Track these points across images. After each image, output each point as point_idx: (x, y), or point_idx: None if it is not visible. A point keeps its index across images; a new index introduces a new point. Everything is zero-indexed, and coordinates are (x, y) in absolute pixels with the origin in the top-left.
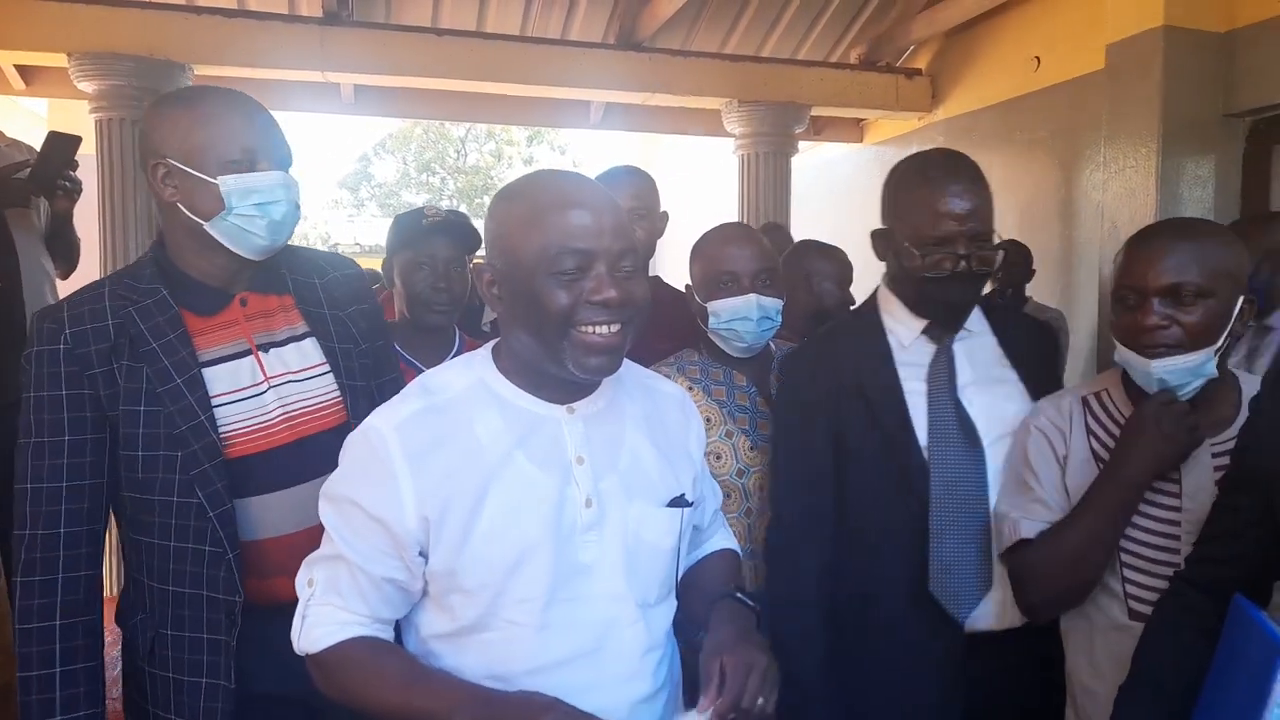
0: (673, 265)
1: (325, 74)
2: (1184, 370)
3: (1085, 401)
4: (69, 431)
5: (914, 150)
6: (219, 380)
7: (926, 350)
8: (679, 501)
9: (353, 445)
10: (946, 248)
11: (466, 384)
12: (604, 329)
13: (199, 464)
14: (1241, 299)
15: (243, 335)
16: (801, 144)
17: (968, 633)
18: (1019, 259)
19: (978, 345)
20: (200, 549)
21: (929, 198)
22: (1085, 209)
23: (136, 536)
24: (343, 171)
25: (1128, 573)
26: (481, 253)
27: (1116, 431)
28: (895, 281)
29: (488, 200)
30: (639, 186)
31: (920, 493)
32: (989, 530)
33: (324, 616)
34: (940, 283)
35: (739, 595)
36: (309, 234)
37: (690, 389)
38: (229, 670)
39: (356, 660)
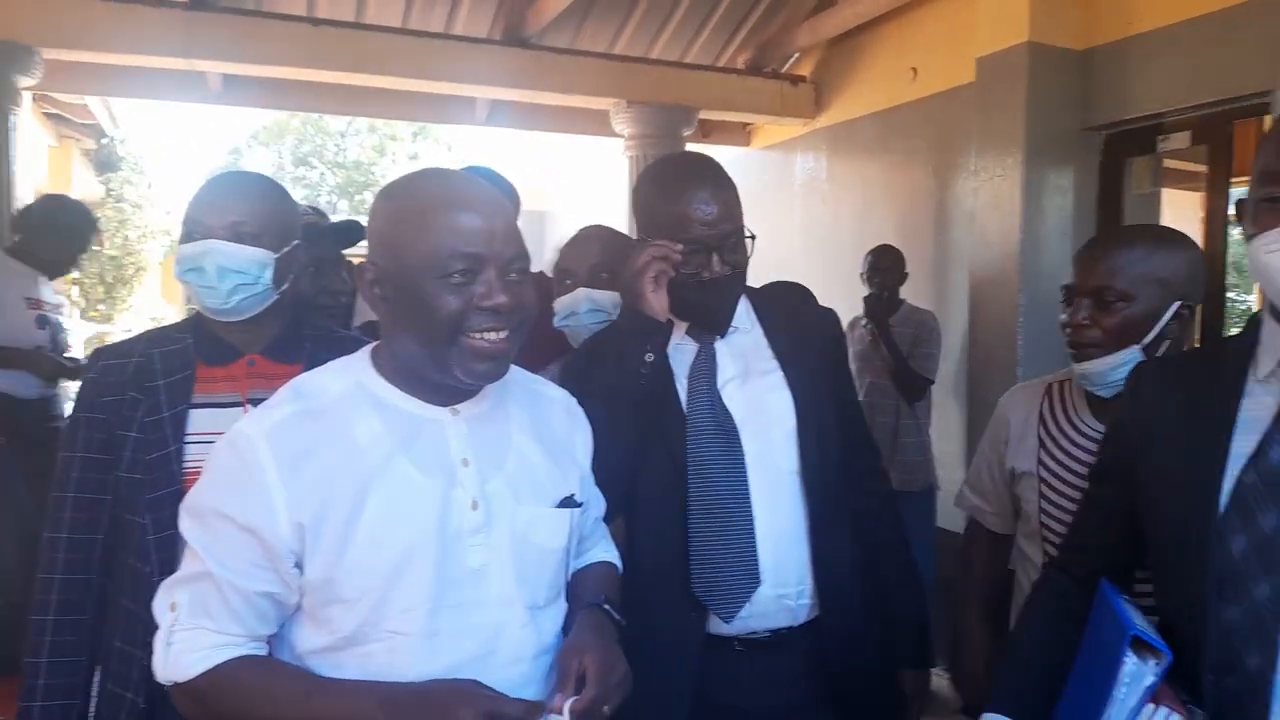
0: None
1: (190, 61)
2: (1105, 371)
3: (1047, 389)
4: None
5: (798, 157)
6: (200, 421)
7: (690, 349)
8: (569, 502)
9: (218, 454)
10: (699, 254)
11: (343, 388)
12: (493, 335)
13: (156, 489)
14: (1178, 304)
15: (239, 390)
16: (689, 146)
17: (744, 638)
18: (893, 263)
19: (745, 342)
20: (138, 567)
21: (676, 205)
22: (958, 216)
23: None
24: (213, 164)
25: (1047, 546)
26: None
27: (1065, 423)
28: None
29: (369, 196)
30: (498, 188)
31: (682, 489)
32: (750, 525)
33: (194, 641)
34: (698, 288)
35: (606, 606)
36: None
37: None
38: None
39: (241, 682)
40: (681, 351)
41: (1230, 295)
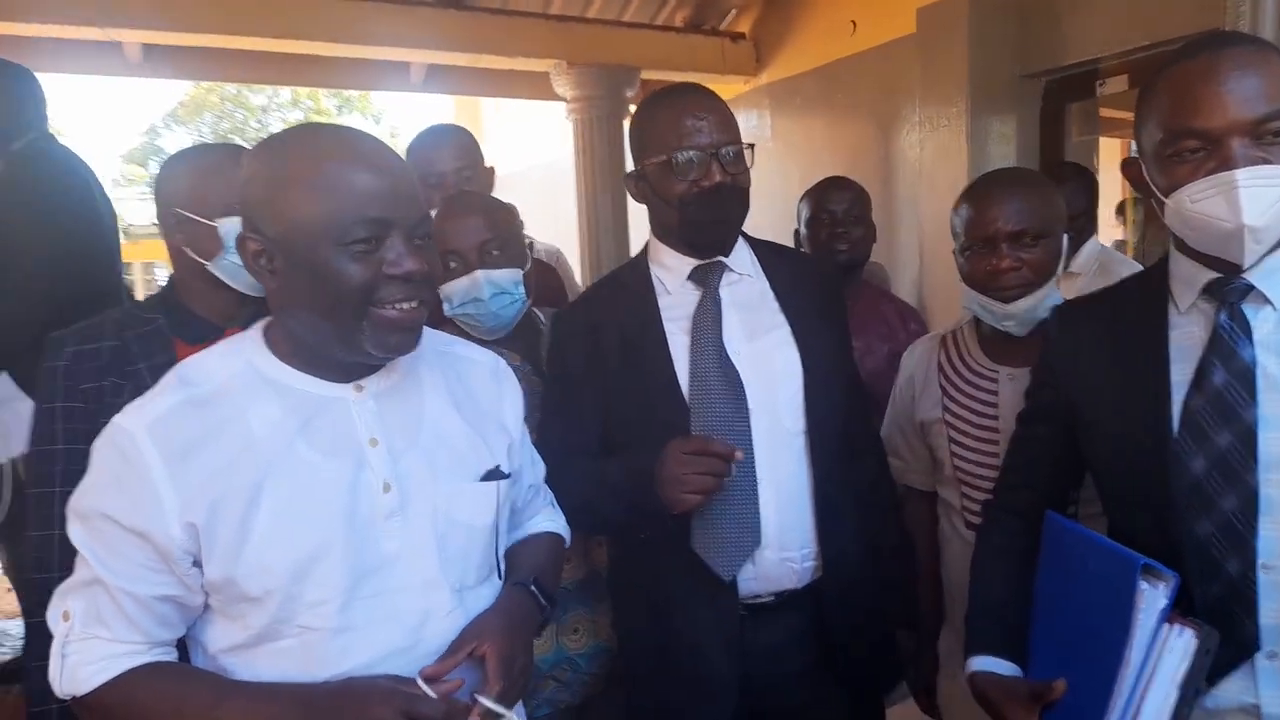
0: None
1: (107, 31)
2: (1035, 306)
3: (943, 340)
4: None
5: (741, 115)
6: None
7: (692, 297)
8: (494, 474)
9: (99, 451)
10: (699, 162)
11: (233, 371)
12: (405, 305)
13: None
14: (1065, 236)
15: None
16: (633, 108)
17: (750, 602)
18: None
19: (748, 290)
20: None
21: (672, 116)
22: (903, 168)
23: None
24: (128, 145)
25: (964, 490)
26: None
27: (963, 368)
28: (659, 225)
29: None
30: (463, 144)
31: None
32: (753, 485)
33: (91, 652)
34: (700, 200)
35: (533, 587)
36: None
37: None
38: None
39: (143, 693)
40: (683, 296)
41: None
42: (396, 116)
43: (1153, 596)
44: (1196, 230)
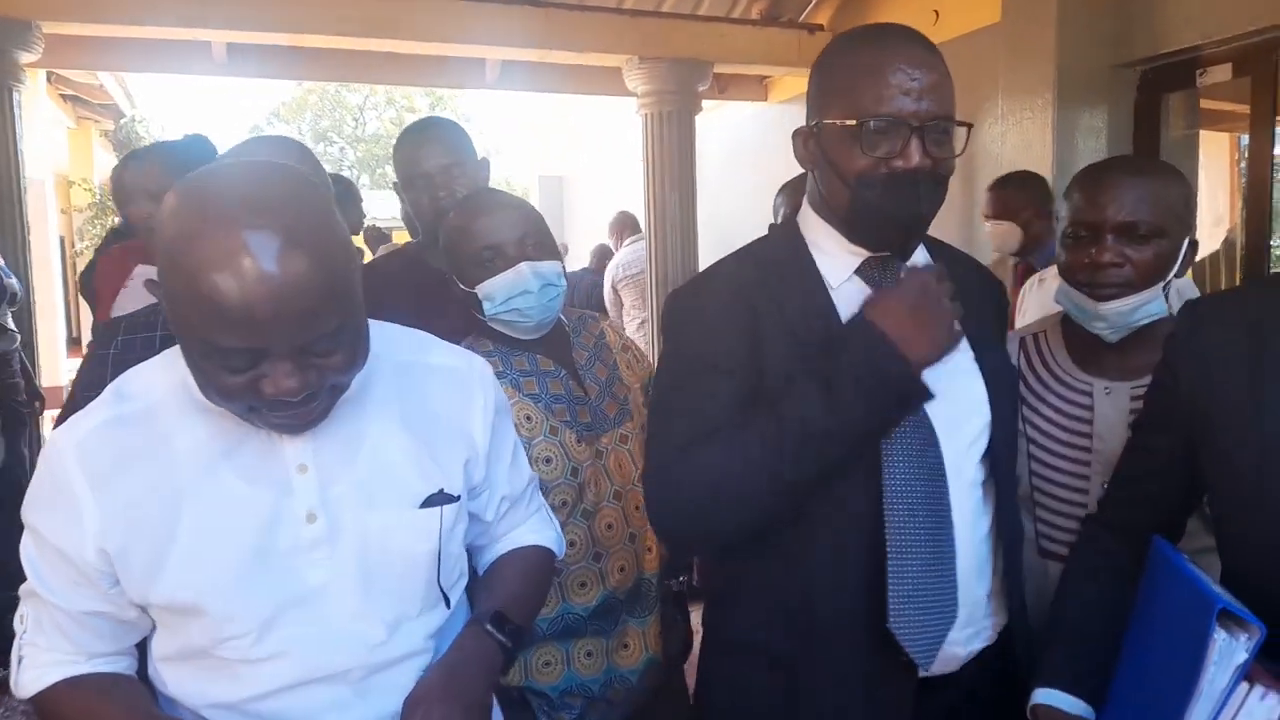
0: (582, 234)
1: (193, 31)
2: (1131, 311)
3: (1023, 343)
4: None
5: None
6: None
7: (858, 296)
8: (438, 499)
9: (40, 462)
10: (895, 134)
11: (168, 387)
12: (290, 414)
13: None
14: (1187, 241)
15: None
16: (705, 103)
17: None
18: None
19: None
20: None
21: (873, 64)
22: (985, 162)
23: None
24: (235, 141)
25: (1040, 512)
26: None
27: (1048, 376)
28: (821, 198)
29: (390, 170)
30: (448, 139)
31: (869, 493)
32: (951, 549)
33: (33, 657)
34: (888, 186)
35: (490, 625)
36: None
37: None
38: None
39: (68, 704)
40: (849, 293)
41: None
42: (483, 117)
43: (1229, 648)
44: None
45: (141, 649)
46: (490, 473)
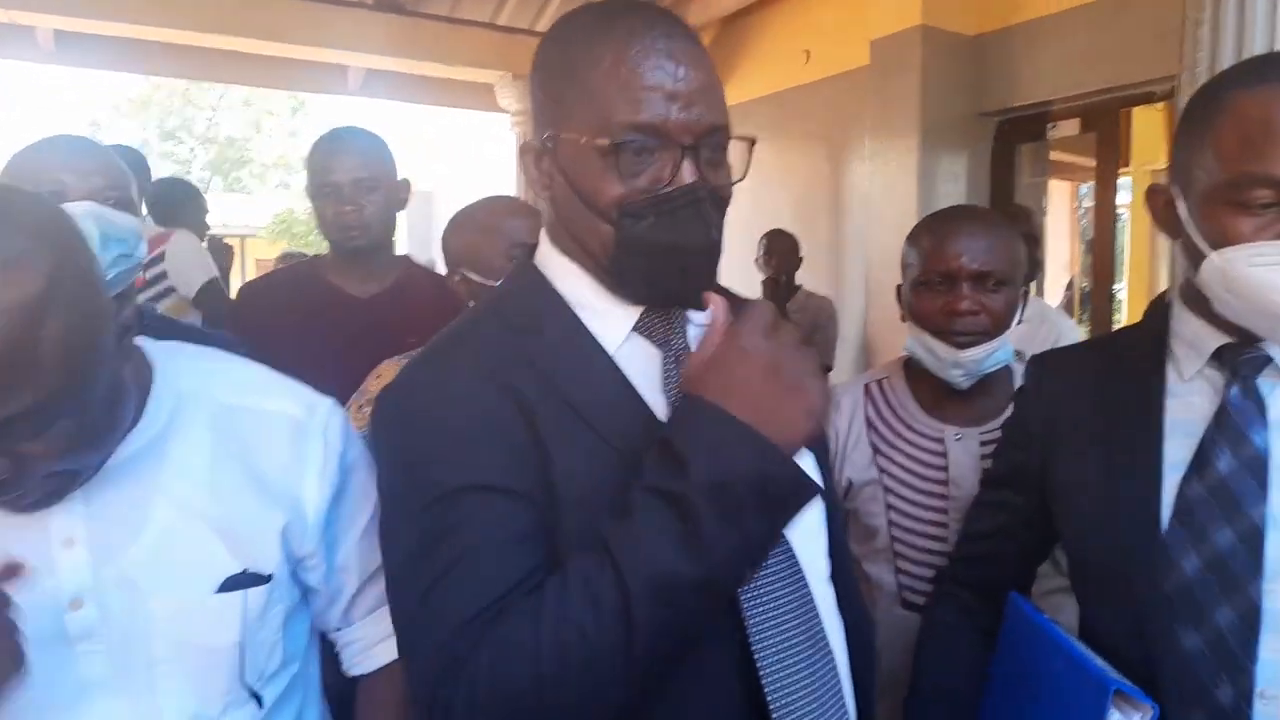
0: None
1: (10, 13)
2: (986, 357)
3: (867, 389)
4: None
5: None
6: None
7: (651, 363)
8: (240, 581)
9: None
10: (661, 151)
11: None
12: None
13: None
14: (1022, 288)
15: None
16: None
17: None
18: (788, 247)
19: None
20: None
21: (622, 54)
22: (853, 200)
23: None
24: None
25: (900, 563)
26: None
27: (899, 424)
28: (569, 235)
29: (244, 174)
30: (367, 153)
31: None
32: (836, 682)
33: None
34: (662, 211)
35: None
36: None
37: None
38: None
39: None
40: (632, 361)
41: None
42: (346, 123)
43: None
44: (1243, 298)
45: None
46: (332, 542)
